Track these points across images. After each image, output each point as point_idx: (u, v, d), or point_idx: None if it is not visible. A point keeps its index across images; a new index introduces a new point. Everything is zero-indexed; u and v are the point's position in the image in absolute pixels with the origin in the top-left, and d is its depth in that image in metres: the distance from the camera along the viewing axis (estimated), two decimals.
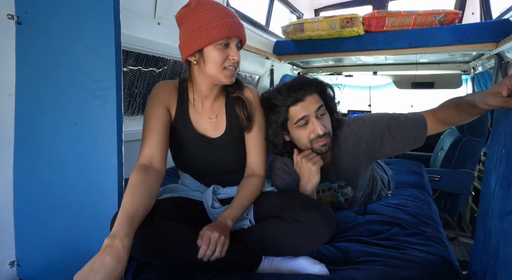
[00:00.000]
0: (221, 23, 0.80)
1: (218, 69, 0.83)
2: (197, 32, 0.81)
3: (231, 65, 0.84)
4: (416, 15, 1.80)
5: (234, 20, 0.83)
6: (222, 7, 0.84)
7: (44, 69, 0.84)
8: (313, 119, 0.90)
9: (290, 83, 0.93)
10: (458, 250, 1.79)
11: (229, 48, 0.83)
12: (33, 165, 0.88)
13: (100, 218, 0.78)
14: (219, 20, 0.80)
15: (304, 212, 0.80)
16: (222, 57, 0.82)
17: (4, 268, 0.90)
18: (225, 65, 0.84)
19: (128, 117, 1.51)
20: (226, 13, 0.82)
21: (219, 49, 0.82)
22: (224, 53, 0.82)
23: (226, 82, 0.86)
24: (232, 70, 0.85)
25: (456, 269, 0.81)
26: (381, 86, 3.37)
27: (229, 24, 0.81)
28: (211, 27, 0.80)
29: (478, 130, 1.81)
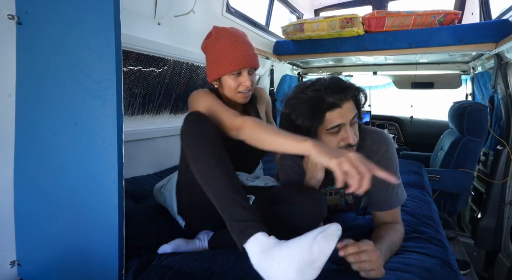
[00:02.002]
0: (233, 58, 0.96)
1: (233, 93, 1.01)
2: (215, 64, 0.99)
3: (243, 90, 1.00)
4: (416, 15, 1.80)
5: (245, 53, 0.98)
6: (237, 40, 0.98)
7: (45, 69, 0.84)
8: (348, 127, 0.85)
9: (327, 83, 0.86)
10: (458, 250, 1.79)
11: (242, 76, 0.99)
12: (33, 165, 0.88)
13: (100, 218, 0.78)
14: (232, 54, 0.96)
15: (296, 197, 0.86)
16: (236, 84, 0.99)
17: (4, 268, 0.90)
18: (239, 90, 1.00)
19: (128, 117, 1.51)
20: (239, 47, 0.97)
21: (233, 78, 0.99)
22: (237, 81, 0.99)
23: (241, 102, 1.03)
24: (245, 93, 1.01)
25: (455, 271, 0.82)
26: (381, 86, 3.38)
27: (240, 58, 0.97)
28: (226, 61, 0.97)
29: (478, 130, 1.81)
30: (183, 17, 1.58)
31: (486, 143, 1.93)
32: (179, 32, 1.62)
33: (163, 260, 0.83)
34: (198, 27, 1.76)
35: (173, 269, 0.79)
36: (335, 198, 1.10)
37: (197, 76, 1.84)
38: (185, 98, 1.83)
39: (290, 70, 2.89)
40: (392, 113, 3.27)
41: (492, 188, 1.76)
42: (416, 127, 3.00)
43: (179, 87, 1.75)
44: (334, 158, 0.65)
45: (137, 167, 1.58)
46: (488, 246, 1.79)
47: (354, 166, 0.63)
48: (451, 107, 2.06)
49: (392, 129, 3.20)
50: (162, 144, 1.74)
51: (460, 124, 1.87)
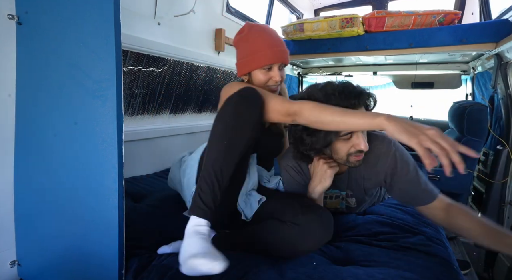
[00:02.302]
0: (264, 53, 0.99)
1: (262, 87, 1.01)
2: (246, 59, 1.02)
3: (273, 84, 1.03)
4: (416, 15, 1.80)
5: (276, 49, 1.00)
6: (269, 36, 1.01)
7: (45, 69, 0.84)
8: (360, 134, 0.85)
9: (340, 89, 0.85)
10: (458, 250, 1.79)
11: (272, 71, 1.02)
12: (33, 165, 0.88)
13: (100, 218, 0.78)
14: (264, 50, 0.99)
15: (302, 216, 0.81)
16: (266, 79, 1.02)
17: (4, 267, 0.90)
18: (268, 84, 1.02)
19: (128, 117, 1.51)
20: (271, 43, 1.00)
21: (263, 73, 1.02)
22: (267, 75, 1.02)
23: None
24: (273, 88, 1.03)
25: (456, 270, 0.82)
26: (381, 86, 3.37)
27: (271, 53, 0.99)
28: (258, 56, 1.00)
29: (478, 130, 1.81)
30: (183, 17, 1.58)
31: (486, 143, 1.93)
32: (179, 32, 1.62)
33: (163, 260, 0.83)
34: (198, 27, 1.76)
35: (174, 269, 0.79)
36: (335, 201, 1.10)
37: (197, 76, 1.84)
38: (185, 98, 1.83)
39: (290, 70, 2.89)
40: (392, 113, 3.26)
41: (492, 188, 1.76)
42: None
43: (179, 87, 1.75)
44: (414, 137, 0.62)
45: (137, 167, 1.58)
46: None
47: (435, 143, 0.60)
48: (451, 107, 2.06)
49: None
50: (162, 144, 1.74)
51: (460, 124, 1.87)
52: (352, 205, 1.09)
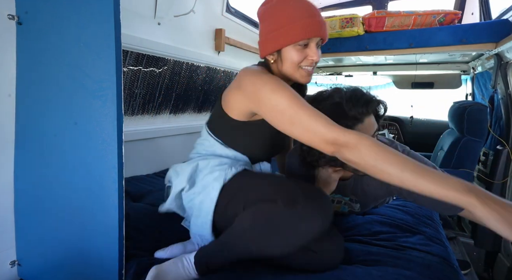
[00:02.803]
0: (302, 24, 0.77)
1: (294, 69, 0.83)
2: (277, 33, 0.80)
3: (308, 64, 0.83)
4: (416, 15, 1.80)
5: (316, 19, 0.80)
6: (306, 4, 0.80)
7: (45, 69, 0.84)
8: None
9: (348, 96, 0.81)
10: (458, 250, 1.79)
11: (308, 48, 0.81)
12: (33, 165, 0.88)
13: (100, 218, 0.78)
14: (300, 20, 0.77)
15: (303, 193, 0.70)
16: (300, 57, 0.81)
17: (4, 267, 0.90)
18: (302, 65, 0.82)
19: (128, 117, 1.51)
20: (308, 11, 0.79)
21: (298, 50, 0.80)
22: (302, 53, 0.81)
23: (303, 82, 0.85)
24: (309, 69, 0.83)
25: (455, 269, 0.82)
26: (381, 86, 3.37)
27: (310, 24, 0.78)
28: (291, 28, 0.78)
29: (478, 130, 1.81)
30: (183, 17, 1.58)
31: (486, 143, 1.93)
32: (179, 32, 1.62)
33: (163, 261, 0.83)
34: (198, 27, 1.76)
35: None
36: (336, 206, 1.09)
37: (197, 76, 1.84)
38: (185, 98, 1.83)
39: None
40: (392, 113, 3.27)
41: (492, 188, 1.76)
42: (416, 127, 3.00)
43: (179, 87, 1.75)
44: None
45: (137, 167, 1.58)
46: (488, 246, 1.79)
47: None
48: (451, 107, 2.06)
49: (392, 129, 3.20)
50: (162, 144, 1.74)
51: (460, 124, 1.87)
52: (355, 210, 1.08)
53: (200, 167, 0.87)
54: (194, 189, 0.85)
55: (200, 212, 0.83)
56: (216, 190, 0.80)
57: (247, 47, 2.09)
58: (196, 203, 0.84)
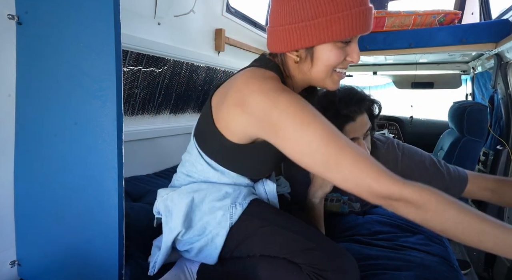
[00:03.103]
0: (355, 14, 0.57)
1: (328, 72, 0.64)
2: (314, 23, 0.58)
3: (345, 67, 0.65)
4: (416, 15, 1.80)
5: (369, 7, 0.60)
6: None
7: (45, 69, 0.84)
8: (361, 141, 0.82)
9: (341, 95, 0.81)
10: (458, 250, 1.79)
11: (350, 46, 0.63)
12: (33, 165, 0.88)
13: (100, 217, 0.78)
14: (353, 8, 0.57)
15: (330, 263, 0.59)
16: (340, 58, 0.62)
17: (4, 267, 0.90)
18: (339, 67, 0.65)
19: (128, 117, 1.51)
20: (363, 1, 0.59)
21: (340, 48, 0.61)
22: (343, 53, 0.62)
23: (332, 88, 0.68)
24: (343, 73, 0.66)
25: (456, 269, 0.82)
26: (381, 86, 3.37)
27: (364, 15, 0.58)
28: (338, 18, 0.57)
29: (478, 130, 1.81)
30: (183, 17, 1.58)
31: (486, 143, 1.93)
32: (179, 32, 1.62)
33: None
34: (198, 27, 1.76)
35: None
36: (335, 205, 1.09)
37: (197, 76, 1.84)
38: (185, 98, 1.83)
39: None
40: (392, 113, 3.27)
41: None
42: (416, 127, 3.00)
43: (179, 87, 1.75)
44: None
45: (137, 167, 1.58)
46: None
47: None
48: (451, 107, 2.06)
49: (392, 129, 3.20)
50: (162, 144, 1.74)
51: (460, 124, 1.87)
52: (356, 209, 1.08)
53: (196, 201, 0.72)
54: (192, 231, 0.71)
55: (200, 255, 0.73)
56: (222, 237, 0.68)
57: (247, 47, 2.09)
58: (195, 248, 0.72)
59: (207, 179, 0.75)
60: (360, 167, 0.53)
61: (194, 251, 0.72)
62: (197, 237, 0.71)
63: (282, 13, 0.62)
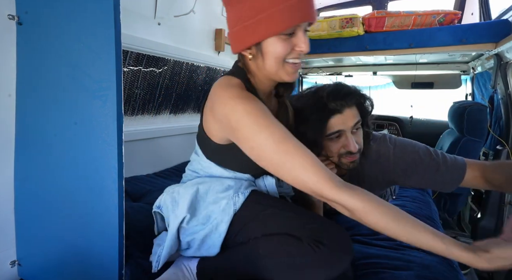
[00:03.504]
0: (288, 7, 0.60)
1: (279, 64, 0.67)
2: (255, 21, 0.63)
3: (295, 57, 0.68)
4: (416, 15, 1.80)
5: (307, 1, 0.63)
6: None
7: (45, 69, 0.84)
8: (348, 134, 0.83)
9: (330, 89, 0.84)
10: None
11: (296, 36, 0.65)
12: (33, 165, 0.88)
13: (100, 217, 0.78)
14: (286, 1, 0.60)
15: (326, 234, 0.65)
16: (287, 49, 0.65)
17: (5, 267, 0.90)
18: (289, 58, 0.67)
19: (128, 117, 1.51)
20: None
21: (284, 40, 0.64)
22: (289, 44, 0.65)
23: (289, 80, 0.71)
24: (296, 63, 0.68)
25: (455, 269, 0.82)
26: (381, 86, 3.37)
27: (299, 6, 0.61)
28: (275, 13, 0.60)
29: (478, 130, 1.81)
30: (183, 17, 1.58)
31: (486, 143, 1.93)
32: (179, 32, 1.62)
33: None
34: (198, 27, 1.76)
35: None
36: None
37: (197, 76, 1.84)
38: (185, 98, 1.83)
39: None
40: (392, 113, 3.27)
41: None
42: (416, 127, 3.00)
43: (179, 87, 1.75)
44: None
45: (137, 167, 1.58)
46: None
47: None
48: (451, 107, 2.06)
49: (392, 129, 3.20)
50: (162, 144, 1.74)
51: (460, 124, 1.87)
52: None
53: (200, 192, 0.76)
54: (197, 220, 0.74)
55: (202, 247, 0.75)
56: (225, 223, 0.71)
57: None
58: (199, 237, 0.74)
59: (211, 174, 0.81)
60: (305, 170, 0.60)
61: (197, 242, 0.74)
62: (202, 225, 0.74)
63: (232, 16, 0.68)
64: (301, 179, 0.60)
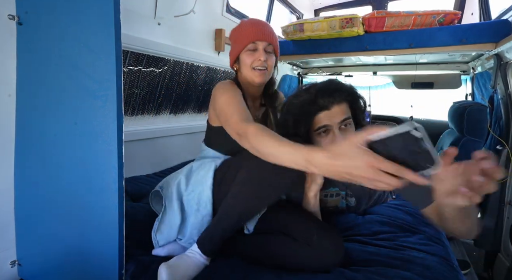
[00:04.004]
0: (247, 32, 0.99)
1: (249, 70, 1.01)
2: (234, 45, 1.05)
3: (259, 65, 1.00)
4: (416, 15, 1.80)
5: (258, 27, 1.00)
6: (255, 20, 1.03)
7: (45, 70, 0.84)
8: (336, 130, 0.84)
9: (320, 86, 0.87)
10: (458, 250, 1.79)
11: (257, 52, 1.00)
12: (33, 165, 0.88)
13: (100, 217, 0.78)
14: (246, 29, 1.00)
15: (317, 238, 0.81)
16: (251, 59, 1.00)
17: (5, 267, 0.90)
18: (254, 66, 1.00)
19: (128, 117, 1.51)
20: (253, 23, 1.01)
21: (248, 55, 1.01)
22: (252, 56, 1.00)
23: (257, 81, 1.01)
24: (260, 70, 1.00)
25: (455, 269, 0.82)
26: (381, 86, 3.38)
27: (253, 31, 0.99)
28: (241, 37, 1.00)
29: (478, 130, 1.81)
30: (183, 17, 1.58)
31: (486, 143, 1.93)
32: (179, 32, 1.62)
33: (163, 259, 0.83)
34: (198, 27, 1.76)
35: None
36: (335, 200, 1.10)
37: (197, 76, 1.84)
38: (185, 98, 1.83)
39: (290, 70, 2.89)
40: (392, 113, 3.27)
41: None
42: None
43: (179, 87, 1.75)
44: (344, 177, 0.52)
45: (137, 167, 1.58)
46: (487, 246, 1.79)
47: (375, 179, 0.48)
48: (451, 107, 2.06)
49: None
50: (162, 144, 1.74)
51: (460, 124, 1.87)
52: (351, 204, 1.09)
53: (194, 168, 1.02)
54: (190, 187, 0.96)
55: (199, 205, 0.92)
56: (210, 177, 0.93)
57: None
58: (195, 197, 0.93)
59: (206, 155, 1.09)
60: (234, 116, 0.83)
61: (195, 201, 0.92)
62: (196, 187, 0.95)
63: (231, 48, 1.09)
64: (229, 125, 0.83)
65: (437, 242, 0.94)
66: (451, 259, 0.86)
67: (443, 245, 0.93)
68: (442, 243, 0.95)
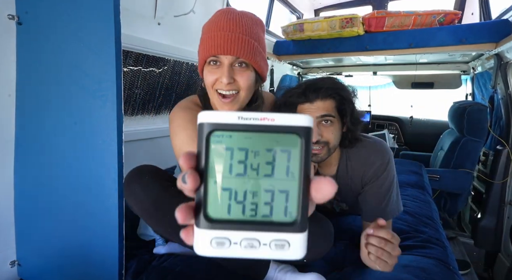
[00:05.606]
0: (207, 39, 0.68)
1: (211, 92, 0.73)
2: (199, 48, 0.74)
3: (221, 88, 0.70)
4: (416, 15, 1.80)
5: (223, 33, 0.67)
6: (225, 15, 0.70)
7: (45, 70, 0.84)
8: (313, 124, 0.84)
9: (311, 81, 0.87)
10: (458, 250, 1.79)
11: (221, 69, 0.69)
12: (33, 165, 0.88)
13: (100, 218, 0.78)
14: (207, 34, 0.68)
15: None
16: (210, 79, 0.70)
17: (4, 267, 0.90)
18: (216, 87, 0.71)
19: (128, 117, 1.51)
20: (220, 24, 0.68)
21: (209, 70, 0.71)
22: (213, 74, 0.70)
23: (220, 109, 0.73)
24: (224, 94, 0.71)
25: (452, 270, 0.82)
26: (381, 86, 3.37)
27: (214, 39, 0.66)
28: (202, 42, 0.71)
29: (478, 130, 1.81)
30: (183, 17, 1.58)
31: (486, 143, 1.93)
32: (179, 32, 1.62)
33: (163, 262, 0.83)
34: (198, 27, 1.75)
35: (174, 272, 0.79)
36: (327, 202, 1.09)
37: (197, 76, 1.84)
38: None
39: (290, 70, 2.89)
40: (392, 113, 3.27)
41: (492, 188, 1.76)
42: (416, 127, 3.00)
43: (179, 87, 1.75)
44: None
45: None
46: (488, 246, 1.79)
47: None
48: (451, 107, 2.06)
49: (392, 129, 3.20)
50: (162, 144, 1.74)
51: (460, 124, 1.87)
52: (344, 208, 1.08)
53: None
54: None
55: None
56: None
57: None
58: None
59: None
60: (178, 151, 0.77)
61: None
62: None
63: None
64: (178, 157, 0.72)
65: (437, 242, 0.94)
66: (449, 261, 0.86)
67: (442, 246, 0.93)
68: (441, 243, 0.94)
